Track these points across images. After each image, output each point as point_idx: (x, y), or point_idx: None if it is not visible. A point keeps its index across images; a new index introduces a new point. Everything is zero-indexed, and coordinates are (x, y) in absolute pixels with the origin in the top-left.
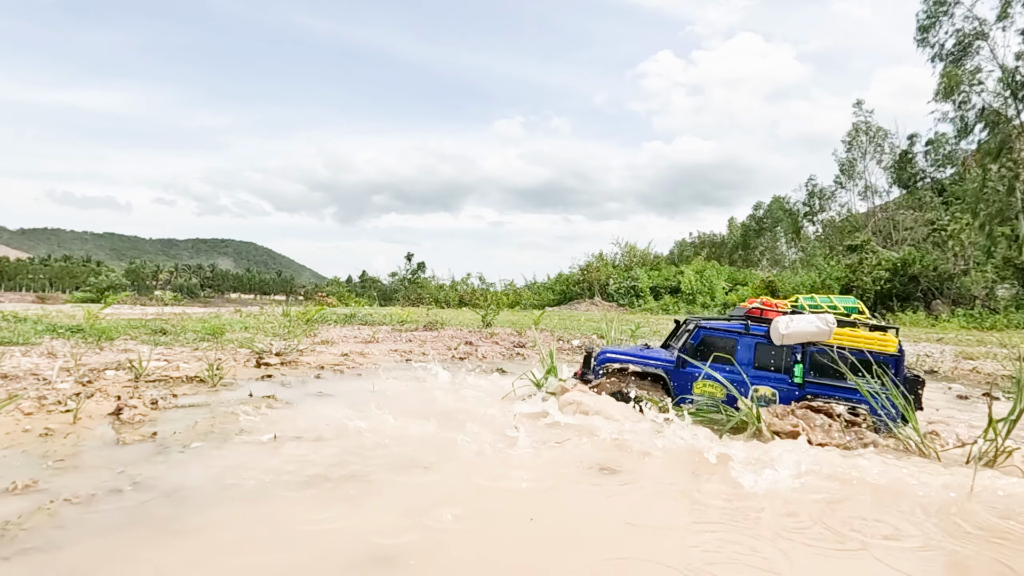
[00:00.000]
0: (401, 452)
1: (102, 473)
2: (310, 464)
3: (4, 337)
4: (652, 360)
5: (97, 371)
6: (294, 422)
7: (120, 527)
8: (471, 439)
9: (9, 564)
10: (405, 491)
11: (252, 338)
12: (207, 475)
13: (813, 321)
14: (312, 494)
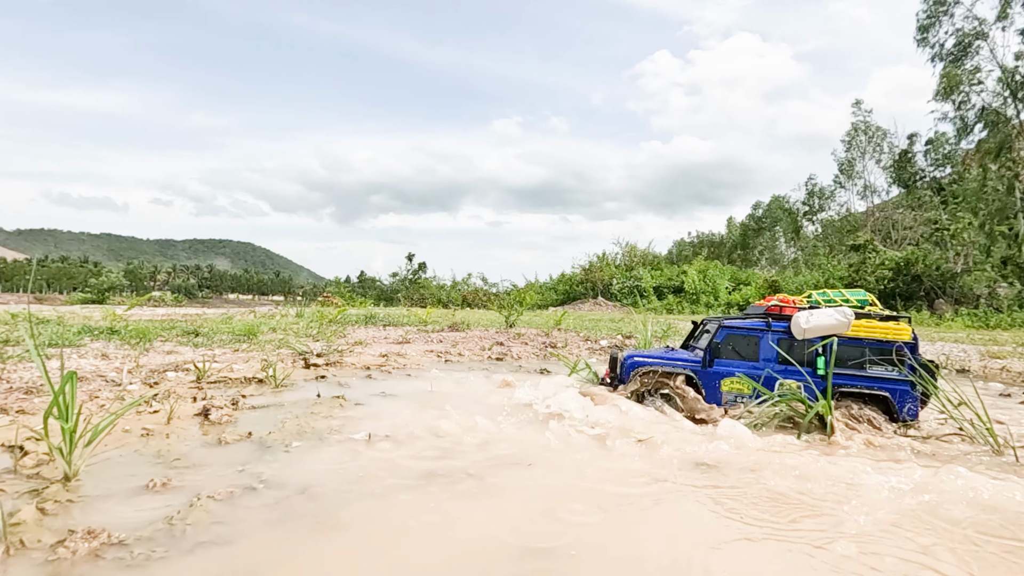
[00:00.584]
0: (498, 451)
1: (224, 471)
2: (416, 462)
3: (49, 339)
4: (680, 361)
5: (158, 372)
6: (377, 421)
7: (277, 522)
8: (559, 437)
9: (193, 556)
10: (522, 489)
11: (285, 339)
12: (325, 473)
13: (832, 314)
14: (434, 491)
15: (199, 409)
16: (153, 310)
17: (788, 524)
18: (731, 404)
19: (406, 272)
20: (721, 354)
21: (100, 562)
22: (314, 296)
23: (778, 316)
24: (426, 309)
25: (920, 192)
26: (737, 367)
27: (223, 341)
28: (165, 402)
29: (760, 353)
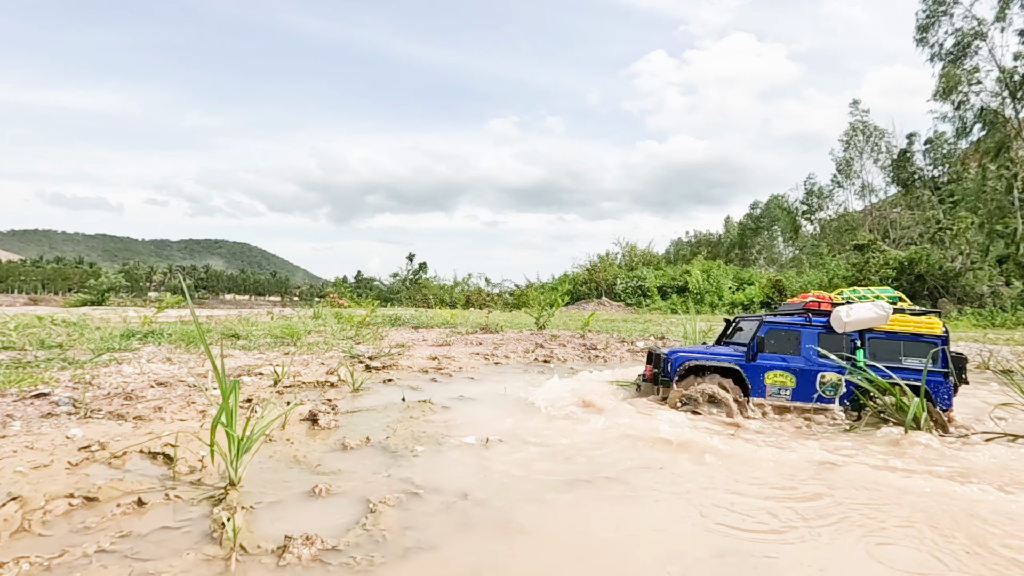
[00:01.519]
0: (615, 456)
1: (372, 477)
2: (548, 465)
3: (103, 345)
4: (724, 356)
5: (238, 377)
6: (477, 426)
7: (464, 527)
8: (677, 438)
9: (411, 562)
10: (676, 495)
11: (327, 341)
12: (468, 478)
13: (871, 308)
14: (590, 494)
15: (305, 414)
16: (165, 312)
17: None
18: (774, 396)
19: (406, 272)
20: (764, 348)
21: (329, 567)
22: (310, 297)
23: (816, 311)
24: (433, 309)
25: (919, 191)
26: (780, 361)
27: (268, 344)
28: (264, 407)
29: (801, 347)
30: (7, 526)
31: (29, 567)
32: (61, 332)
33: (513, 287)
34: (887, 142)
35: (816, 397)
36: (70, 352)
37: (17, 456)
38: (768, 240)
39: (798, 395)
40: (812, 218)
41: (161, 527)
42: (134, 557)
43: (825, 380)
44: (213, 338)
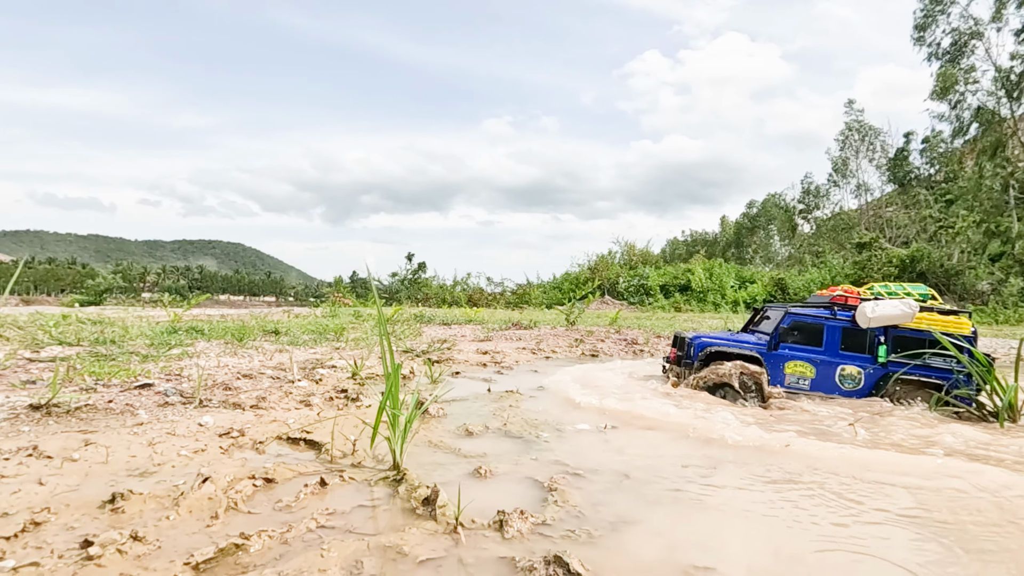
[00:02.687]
0: (728, 440)
1: (517, 459)
2: (673, 449)
3: (157, 340)
4: (746, 344)
5: (312, 370)
6: (573, 413)
7: (655, 502)
8: (811, 432)
9: (623, 533)
10: (811, 478)
11: (368, 337)
12: (616, 462)
13: (897, 305)
14: (744, 475)
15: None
16: (154, 311)
17: None
18: (793, 385)
19: (406, 272)
20: (786, 339)
21: (552, 539)
22: (306, 297)
23: (843, 306)
24: (443, 308)
25: (915, 190)
26: (801, 352)
27: (312, 340)
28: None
29: (824, 339)
30: (214, 504)
31: (269, 540)
32: (93, 329)
33: (515, 286)
34: (882, 141)
35: (835, 389)
36: (127, 347)
37: (169, 441)
38: (764, 239)
39: (817, 386)
40: (809, 217)
41: (358, 505)
42: (357, 532)
43: (845, 373)
44: (255, 333)
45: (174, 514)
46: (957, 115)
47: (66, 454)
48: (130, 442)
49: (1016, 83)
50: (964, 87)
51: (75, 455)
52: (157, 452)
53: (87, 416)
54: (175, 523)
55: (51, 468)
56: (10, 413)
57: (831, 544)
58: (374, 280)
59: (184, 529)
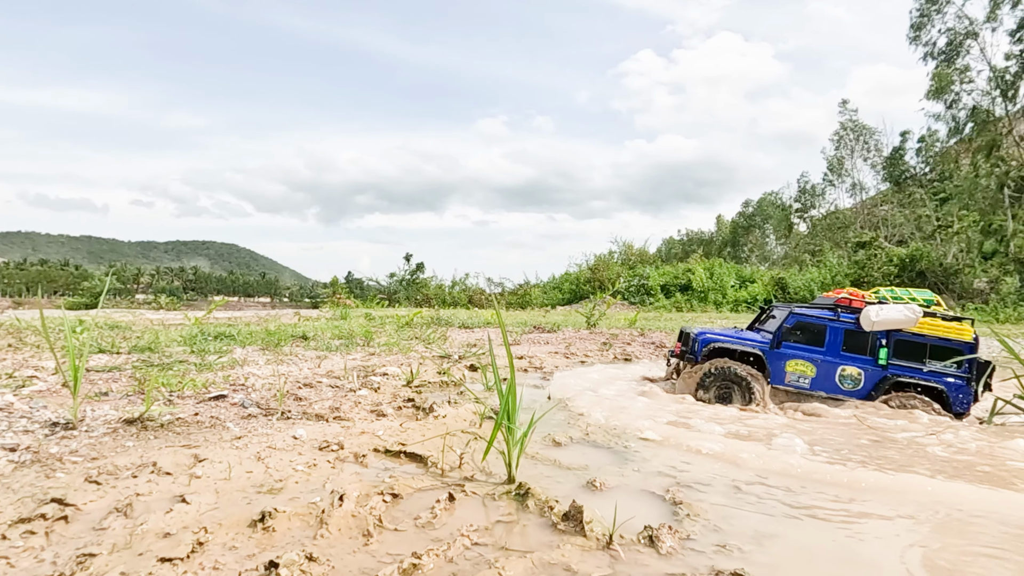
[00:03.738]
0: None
1: (618, 470)
2: (755, 461)
3: (195, 347)
4: (749, 341)
5: (365, 378)
6: (636, 420)
7: (784, 514)
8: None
9: (769, 547)
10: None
11: (398, 342)
12: (714, 468)
13: (901, 310)
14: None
15: (483, 412)
16: (157, 314)
17: None
18: (793, 383)
19: (404, 272)
20: (788, 338)
21: (704, 554)
22: (301, 297)
23: (847, 308)
24: (471, 309)
25: (911, 189)
26: (803, 351)
27: (344, 345)
28: (451, 406)
29: (826, 340)
30: (360, 521)
31: (437, 559)
32: (111, 334)
33: (514, 286)
34: (876, 140)
35: (834, 389)
36: (169, 354)
37: (275, 456)
38: (760, 238)
39: (817, 385)
40: (805, 216)
41: (495, 521)
42: (512, 549)
43: (845, 373)
44: (285, 339)
45: (325, 532)
46: (953, 115)
47: (185, 471)
48: (238, 457)
49: (1011, 83)
50: (959, 87)
51: (197, 471)
52: (270, 467)
53: (182, 430)
54: (332, 542)
55: (179, 485)
56: (108, 428)
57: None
58: (372, 280)
59: (344, 548)
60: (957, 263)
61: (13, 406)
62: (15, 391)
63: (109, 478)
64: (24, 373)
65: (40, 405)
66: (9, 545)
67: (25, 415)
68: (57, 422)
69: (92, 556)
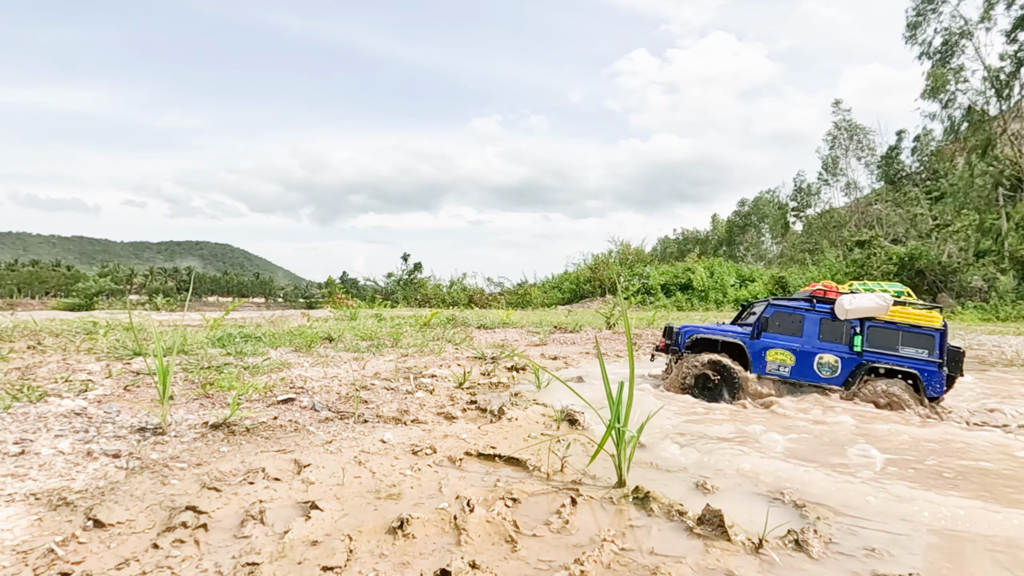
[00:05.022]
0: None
1: (724, 471)
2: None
3: (241, 350)
4: (731, 332)
5: (415, 379)
6: (712, 419)
7: (902, 516)
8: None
9: (906, 563)
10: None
11: (426, 343)
12: (803, 471)
13: (873, 298)
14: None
15: (558, 414)
16: (163, 315)
17: None
18: (774, 372)
19: (402, 272)
20: (768, 328)
21: (853, 558)
22: (295, 298)
23: (822, 299)
24: (473, 309)
25: (906, 188)
26: (782, 341)
27: (372, 347)
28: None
29: (803, 330)
30: (497, 528)
31: (595, 565)
32: (124, 336)
33: (514, 286)
34: (870, 140)
35: (813, 377)
36: (200, 355)
37: (374, 460)
38: (756, 237)
39: (796, 373)
40: (801, 215)
41: (628, 525)
42: (662, 555)
43: (823, 361)
44: (313, 341)
45: (466, 538)
46: (949, 114)
47: (293, 476)
48: (338, 462)
49: (1005, 82)
50: (954, 87)
51: (309, 477)
52: (376, 473)
53: (269, 434)
54: (478, 548)
55: (297, 491)
56: (196, 433)
57: None
58: (369, 281)
59: (494, 555)
60: (954, 262)
61: (87, 411)
62: (79, 395)
63: (224, 485)
64: (77, 376)
65: (115, 409)
66: (165, 554)
67: (106, 420)
68: (143, 427)
69: (255, 565)
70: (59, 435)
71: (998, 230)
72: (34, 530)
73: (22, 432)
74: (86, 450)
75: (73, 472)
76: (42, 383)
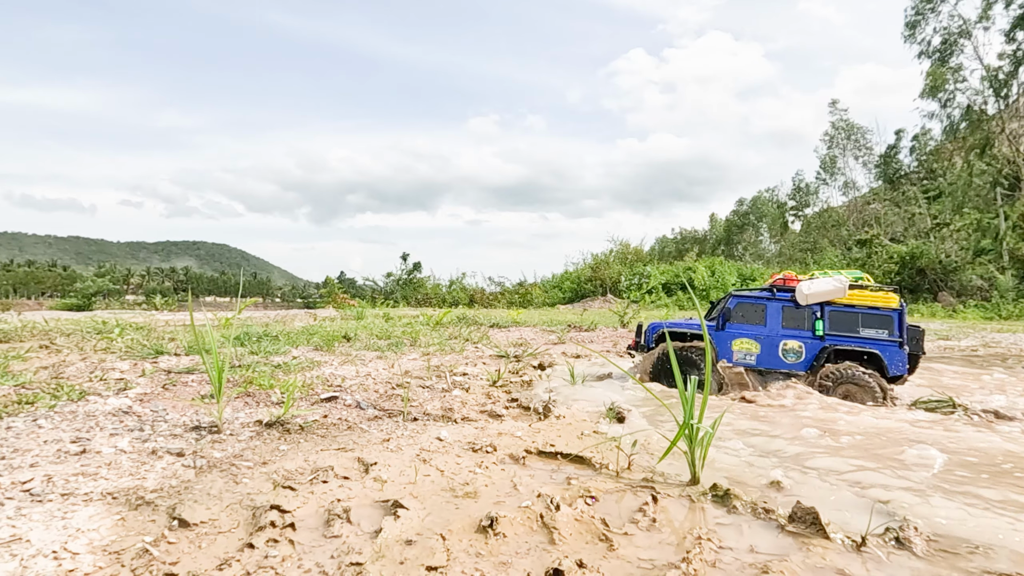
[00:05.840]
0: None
1: (787, 467)
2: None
3: (268, 349)
4: (695, 325)
5: (447, 376)
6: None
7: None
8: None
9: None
10: None
11: (445, 342)
12: (887, 459)
13: (830, 281)
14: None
15: (608, 412)
16: (165, 315)
17: None
18: (740, 361)
19: (401, 272)
20: (732, 319)
21: (964, 556)
22: (293, 298)
23: (783, 288)
24: (482, 309)
25: (904, 187)
26: (747, 330)
27: (391, 346)
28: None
29: (767, 318)
30: (587, 526)
31: (702, 564)
32: (136, 335)
33: (514, 285)
34: (866, 138)
35: (779, 363)
36: (224, 355)
37: (437, 458)
38: (754, 236)
39: (762, 361)
40: (800, 214)
41: (716, 523)
42: (762, 552)
43: (787, 348)
44: (332, 340)
45: (558, 537)
46: (948, 114)
47: (361, 474)
48: (400, 460)
49: (1004, 82)
50: (953, 86)
51: (380, 475)
52: (442, 470)
53: (324, 432)
54: (575, 548)
55: (372, 490)
56: (252, 431)
57: None
58: (369, 281)
59: (593, 554)
60: (954, 261)
61: (133, 409)
62: (118, 394)
63: (297, 484)
64: (110, 375)
65: (160, 408)
66: (263, 554)
67: (157, 419)
68: (197, 426)
69: (359, 565)
70: (114, 433)
71: (996, 229)
72: (119, 530)
73: (75, 431)
74: (149, 449)
75: (142, 471)
76: (74, 382)
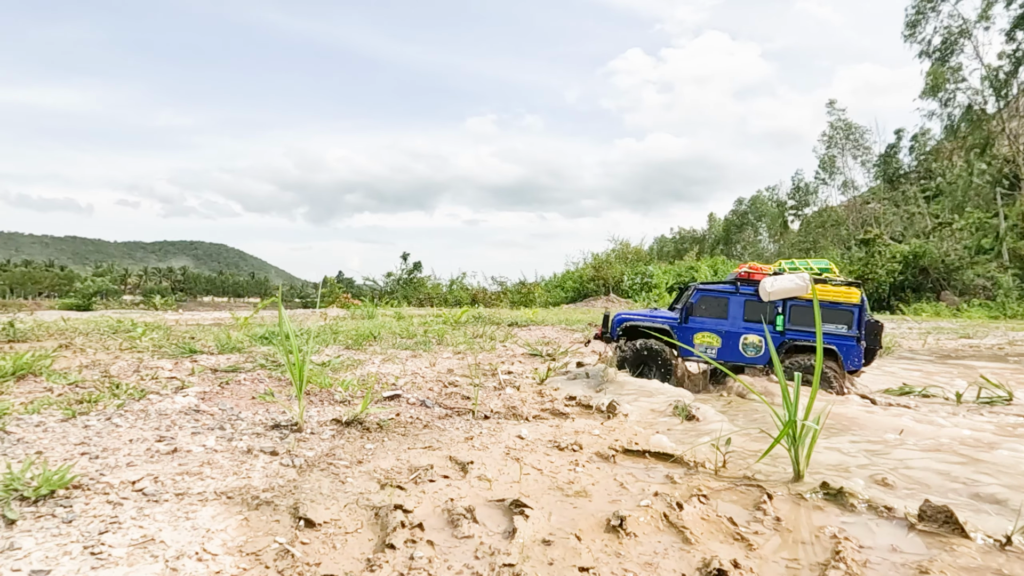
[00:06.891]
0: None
1: (877, 468)
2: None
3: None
4: (660, 318)
5: (492, 376)
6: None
7: None
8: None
9: None
10: None
11: (471, 342)
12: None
13: (793, 279)
14: None
15: (678, 410)
16: (208, 314)
17: None
18: (702, 354)
19: (401, 272)
20: (695, 312)
21: None
22: (291, 298)
23: (747, 281)
24: (496, 309)
25: (904, 186)
26: (709, 324)
27: (417, 344)
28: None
29: (729, 312)
30: (715, 525)
31: (855, 563)
32: (156, 335)
33: (515, 285)
34: (865, 138)
35: (739, 357)
36: (258, 353)
37: (528, 456)
38: (753, 236)
39: (723, 354)
40: (799, 213)
41: (842, 523)
42: (904, 551)
43: (748, 342)
44: (361, 338)
45: (690, 535)
46: (948, 113)
47: (460, 472)
48: (491, 458)
49: (1004, 81)
50: (953, 85)
51: (484, 474)
52: (538, 468)
53: (405, 431)
54: (712, 548)
55: (480, 489)
56: (332, 430)
57: None
58: (369, 280)
59: (735, 553)
60: (956, 260)
61: (201, 408)
62: (176, 392)
63: (403, 483)
64: (161, 374)
65: (229, 406)
66: (407, 555)
67: (232, 417)
68: (277, 424)
69: (511, 566)
70: (196, 432)
71: (995, 228)
72: (246, 530)
73: (155, 430)
74: (242, 447)
75: (243, 469)
76: (124, 381)
